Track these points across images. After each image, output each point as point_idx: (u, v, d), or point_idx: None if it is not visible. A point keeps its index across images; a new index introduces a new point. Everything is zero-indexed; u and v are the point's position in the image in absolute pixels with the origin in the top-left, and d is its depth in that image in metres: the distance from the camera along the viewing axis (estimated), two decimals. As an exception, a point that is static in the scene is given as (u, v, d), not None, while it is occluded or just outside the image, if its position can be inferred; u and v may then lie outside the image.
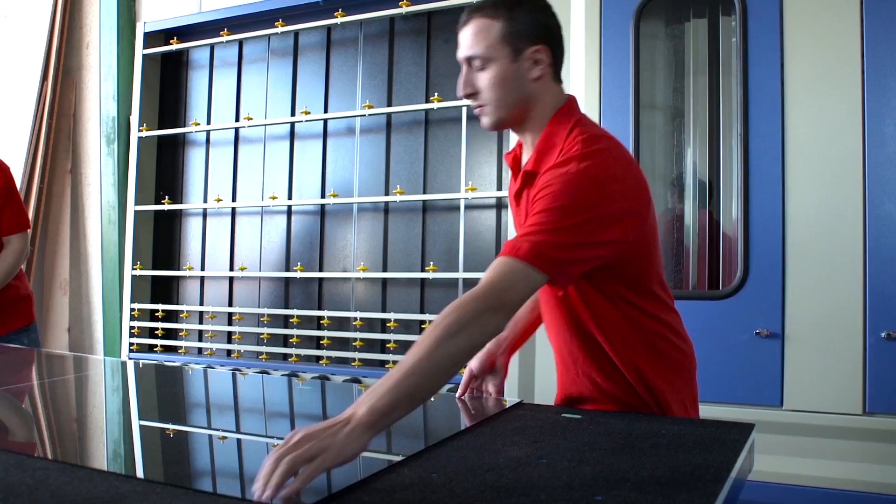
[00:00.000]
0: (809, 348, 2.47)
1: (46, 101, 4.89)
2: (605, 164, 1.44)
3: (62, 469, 1.11)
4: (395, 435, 1.36)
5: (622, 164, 1.50)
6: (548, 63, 1.53)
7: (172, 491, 1.02)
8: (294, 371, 3.73)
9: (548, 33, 1.52)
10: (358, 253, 3.81)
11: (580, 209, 1.38)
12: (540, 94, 1.54)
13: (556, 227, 1.35)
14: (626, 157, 1.56)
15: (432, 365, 1.18)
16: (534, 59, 1.51)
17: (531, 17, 1.51)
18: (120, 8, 4.65)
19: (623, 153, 1.55)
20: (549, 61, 1.53)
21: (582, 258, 1.40)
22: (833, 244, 2.47)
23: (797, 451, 2.47)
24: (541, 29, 1.51)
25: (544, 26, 1.52)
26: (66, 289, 4.91)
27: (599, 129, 1.58)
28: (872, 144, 2.44)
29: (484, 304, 1.26)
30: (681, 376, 1.65)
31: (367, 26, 3.84)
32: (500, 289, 1.29)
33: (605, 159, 1.45)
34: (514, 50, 1.50)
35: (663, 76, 2.93)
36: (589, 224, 1.39)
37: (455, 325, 1.22)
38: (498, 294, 1.28)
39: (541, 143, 1.55)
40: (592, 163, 1.42)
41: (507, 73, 1.51)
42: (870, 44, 2.46)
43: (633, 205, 1.49)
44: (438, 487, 1.04)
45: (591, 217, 1.39)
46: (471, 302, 1.26)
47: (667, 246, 2.92)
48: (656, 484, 1.08)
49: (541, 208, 1.38)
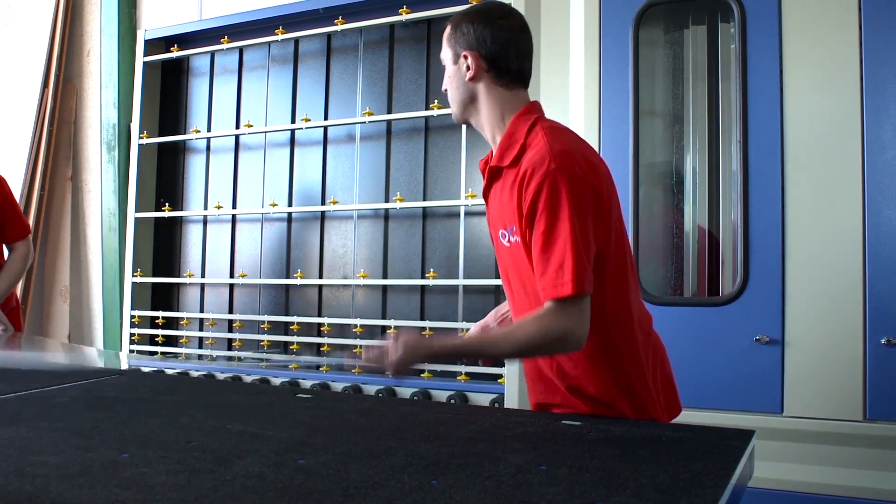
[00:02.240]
0: (809, 355, 2.47)
1: (47, 109, 4.90)
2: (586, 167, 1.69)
3: (62, 477, 1.11)
4: (396, 440, 1.36)
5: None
6: (478, 66, 1.77)
7: (172, 497, 1.03)
8: (294, 378, 3.73)
9: (483, 43, 1.76)
10: (358, 260, 3.81)
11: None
12: (481, 94, 1.80)
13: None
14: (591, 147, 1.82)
15: (499, 352, 1.72)
16: (466, 64, 1.78)
17: (472, 29, 1.77)
18: (121, 15, 4.66)
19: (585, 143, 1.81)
20: (480, 65, 1.77)
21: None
22: (833, 250, 2.47)
23: (798, 457, 2.46)
24: (476, 39, 1.77)
25: (481, 37, 1.76)
26: (66, 296, 4.91)
27: (560, 126, 1.81)
28: (871, 150, 2.45)
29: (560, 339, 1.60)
30: (642, 384, 1.77)
31: (367, 33, 3.85)
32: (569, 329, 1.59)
33: (576, 159, 1.68)
34: (455, 55, 1.81)
35: (662, 83, 2.93)
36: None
37: (535, 342, 1.61)
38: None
39: (503, 140, 1.78)
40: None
41: (453, 73, 1.83)
42: (868, 50, 2.46)
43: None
44: (438, 494, 1.04)
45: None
46: (555, 331, 1.59)
47: (666, 252, 2.92)
48: (656, 490, 1.08)
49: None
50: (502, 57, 1.77)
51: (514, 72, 1.79)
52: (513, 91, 1.80)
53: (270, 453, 1.27)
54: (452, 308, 3.52)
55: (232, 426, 1.49)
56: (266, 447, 1.31)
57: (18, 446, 1.31)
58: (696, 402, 2.56)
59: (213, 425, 1.52)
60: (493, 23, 1.78)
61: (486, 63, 1.77)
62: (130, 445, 1.33)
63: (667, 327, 2.65)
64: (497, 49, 1.77)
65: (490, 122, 1.82)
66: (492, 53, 1.76)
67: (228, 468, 1.17)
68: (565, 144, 1.70)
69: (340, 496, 1.04)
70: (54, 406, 1.71)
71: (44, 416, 1.58)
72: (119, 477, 1.13)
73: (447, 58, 1.84)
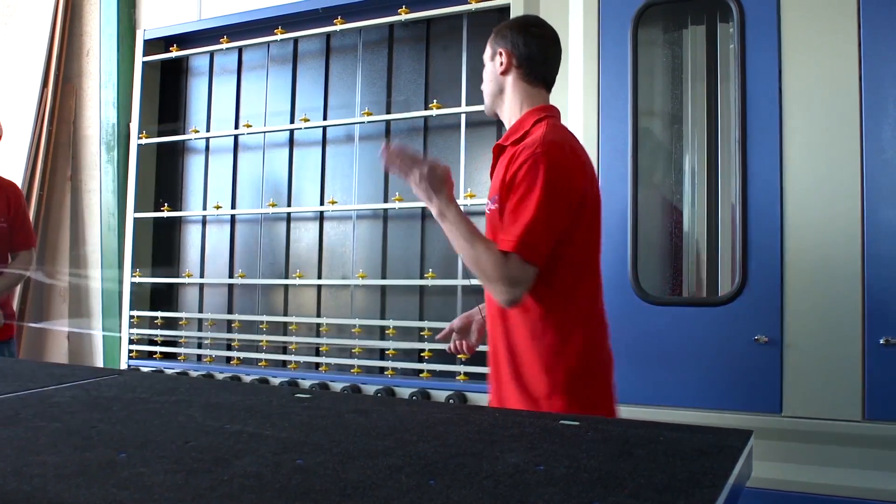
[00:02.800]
0: (808, 355, 2.47)
1: (46, 108, 4.91)
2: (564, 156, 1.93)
3: (59, 476, 1.11)
4: (394, 440, 1.36)
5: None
6: (510, 63, 2.07)
7: (169, 497, 1.02)
8: (293, 378, 3.72)
9: (516, 45, 2.07)
10: (357, 260, 3.81)
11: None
12: (508, 86, 2.09)
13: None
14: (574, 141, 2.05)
15: (461, 244, 1.90)
16: (500, 59, 2.08)
17: (510, 33, 2.09)
18: (120, 15, 4.67)
19: (570, 137, 2.05)
20: (511, 62, 2.07)
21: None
22: (831, 250, 2.47)
23: (796, 457, 2.46)
24: (511, 43, 2.08)
25: (515, 41, 2.07)
26: (65, 296, 4.91)
27: (565, 128, 2.08)
28: (870, 150, 2.45)
29: (492, 283, 1.86)
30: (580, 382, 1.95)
31: (367, 33, 3.85)
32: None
33: (559, 149, 1.92)
34: (493, 52, 2.12)
35: (661, 83, 2.93)
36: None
37: (480, 265, 1.86)
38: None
39: (514, 126, 2.08)
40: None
41: (489, 68, 2.13)
42: (867, 50, 2.47)
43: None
44: (436, 494, 1.04)
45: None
46: (493, 274, 1.84)
47: (664, 252, 2.92)
48: (654, 490, 1.08)
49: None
50: (531, 59, 2.06)
51: (538, 73, 2.08)
52: (536, 89, 2.08)
53: (268, 453, 1.27)
54: (451, 308, 3.52)
55: (230, 426, 1.49)
56: (264, 447, 1.31)
57: (16, 446, 1.31)
58: (694, 402, 2.57)
59: (211, 425, 1.51)
60: (528, 31, 2.09)
61: (516, 60, 2.06)
62: (128, 445, 1.33)
63: (665, 327, 2.68)
64: (527, 51, 2.06)
65: (510, 110, 2.10)
66: (522, 54, 2.06)
67: (226, 468, 1.17)
68: (559, 138, 1.95)
69: (338, 496, 1.04)
70: (52, 406, 1.71)
71: (41, 416, 1.58)
72: (117, 477, 1.13)
73: (487, 57, 2.15)
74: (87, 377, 2.14)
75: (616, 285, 2.71)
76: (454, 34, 3.61)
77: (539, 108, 2.05)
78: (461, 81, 3.52)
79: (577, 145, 2.03)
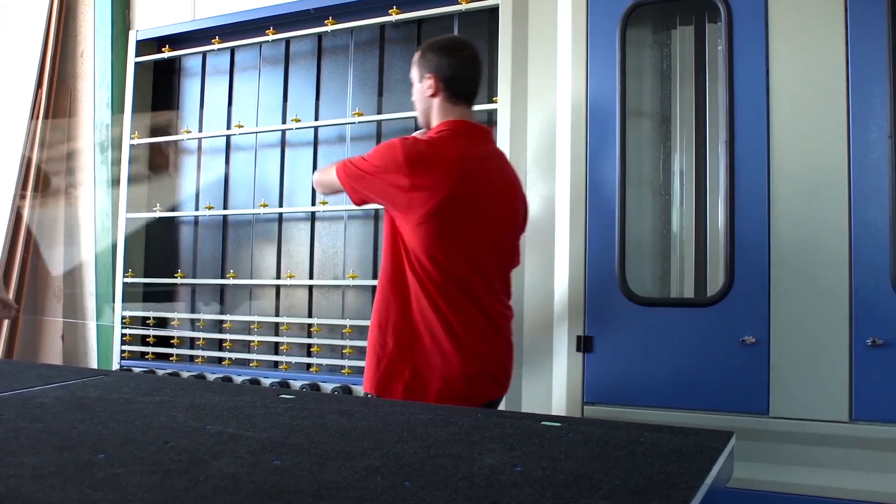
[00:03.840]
0: (795, 356, 2.47)
1: (41, 109, 4.90)
2: (406, 145, 2.28)
3: (36, 477, 1.11)
4: (373, 441, 1.36)
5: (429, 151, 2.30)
6: (437, 87, 2.37)
7: (143, 498, 1.03)
8: (284, 379, 3.73)
9: (440, 70, 2.37)
10: (348, 261, 3.81)
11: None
12: (435, 106, 2.41)
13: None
14: (436, 148, 2.31)
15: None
16: (428, 83, 2.39)
17: (434, 57, 2.39)
18: (114, 16, 4.66)
19: (433, 146, 2.32)
20: (438, 86, 2.37)
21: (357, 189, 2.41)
22: (818, 251, 2.47)
23: (783, 459, 2.46)
24: (436, 67, 2.38)
25: (439, 65, 2.38)
26: (60, 296, 4.91)
27: (447, 136, 2.35)
28: (857, 151, 2.45)
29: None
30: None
31: (358, 34, 3.84)
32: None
33: (414, 143, 2.31)
34: (420, 75, 2.43)
35: (650, 83, 2.94)
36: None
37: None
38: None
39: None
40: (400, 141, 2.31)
41: (417, 87, 2.45)
42: (854, 50, 2.47)
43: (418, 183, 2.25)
44: (409, 496, 1.05)
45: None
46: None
47: (652, 253, 2.92)
48: (628, 492, 1.08)
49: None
50: (454, 80, 2.37)
51: (461, 92, 2.39)
52: (457, 107, 2.39)
53: (246, 454, 1.27)
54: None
55: (211, 427, 1.49)
56: (243, 448, 1.31)
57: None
58: (681, 403, 2.58)
59: (193, 426, 1.52)
60: (451, 54, 2.39)
61: (442, 84, 2.37)
62: (108, 446, 1.33)
63: (652, 328, 2.68)
64: (451, 73, 2.36)
65: (434, 123, 2.43)
66: (447, 77, 2.36)
67: (203, 469, 1.18)
68: (427, 139, 2.34)
69: (311, 497, 1.04)
70: (35, 407, 1.71)
71: (24, 417, 1.58)
72: (92, 478, 1.13)
73: (415, 77, 2.45)
74: (73, 378, 2.15)
75: (603, 286, 2.72)
76: (445, 34, 3.61)
77: (446, 122, 2.38)
78: (452, 82, 3.52)
79: (452, 150, 2.30)
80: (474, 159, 2.33)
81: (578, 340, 2.73)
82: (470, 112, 2.43)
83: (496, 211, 2.40)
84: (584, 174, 2.78)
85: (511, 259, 2.53)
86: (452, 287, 2.28)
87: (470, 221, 2.31)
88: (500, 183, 2.42)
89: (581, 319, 2.74)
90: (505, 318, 2.47)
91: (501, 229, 2.44)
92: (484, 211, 2.34)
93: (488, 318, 2.37)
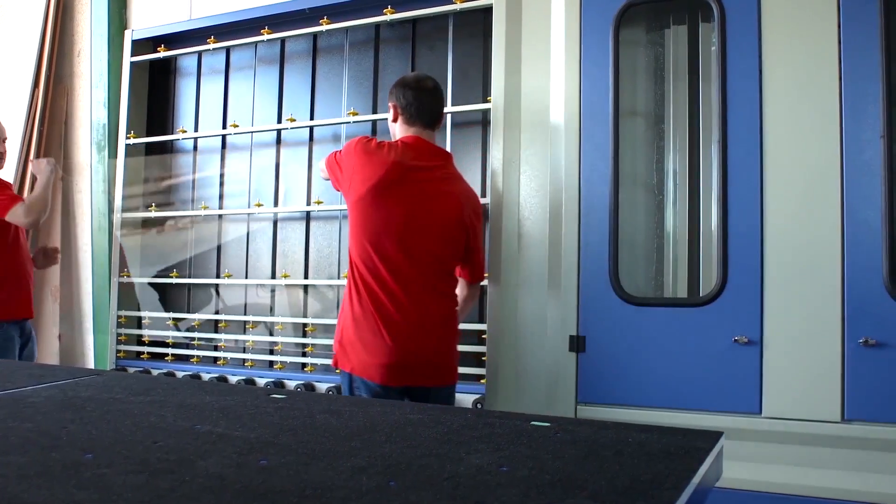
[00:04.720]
0: (788, 355, 2.48)
1: (38, 109, 4.90)
2: (362, 140, 2.79)
3: (22, 477, 1.11)
4: (361, 441, 1.36)
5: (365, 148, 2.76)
6: (396, 113, 2.85)
7: (128, 498, 1.03)
8: (279, 379, 3.72)
9: (398, 100, 2.84)
10: (343, 260, 3.81)
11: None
12: (396, 128, 2.87)
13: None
14: (382, 149, 2.75)
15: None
16: (393, 110, 2.87)
17: (397, 90, 2.86)
18: (111, 16, 4.65)
19: (381, 147, 2.76)
20: (397, 112, 2.85)
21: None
22: (811, 251, 2.48)
23: (776, 458, 2.47)
24: (396, 98, 2.85)
25: (398, 97, 2.84)
26: (56, 295, 4.90)
27: (395, 145, 2.79)
28: (850, 151, 2.45)
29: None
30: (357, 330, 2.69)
31: (353, 33, 3.84)
32: None
33: (369, 140, 2.80)
34: (390, 103, 2.88)
35: (643, 82, 2.94)
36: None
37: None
38: None
39: None
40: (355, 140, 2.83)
41: (390, 116, 2.90)
42: (847, 50, 2.47)
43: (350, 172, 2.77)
44: (394, 496, 1.05)
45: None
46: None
47: (646, 253, 2.92)
48: (613, 492, 1.08)
49: None
50: (408, 108, 2.82)
51: (414, 118, 2.82)
52: (413, 127, 2.82)
53: (234, 454, 1.27)
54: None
55: (200, 426, 1.49)
56: (230, 448, 1.31)
57: (-17, 447, 1.31)
58: (674, 403, 2.58)
59: (182, 426, 1.51)
60: (407, 87, 2.84)
61: (400, 111, 2.84)
62: (96, 446, 1.33)
63: (645, 328, 2.68)
64: (406, 103, 2.82)
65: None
66: (403, 106, 2.83)
67: (189, 469, 1.17)
68: (381, 143, 2.77)
69: (296, 497, 1.04)
70: (26, 406, 1.71)
71: (14, 417, 1.58)
72: (79, 478, 1.13)
73: (389, 104, 2.90)
74: (65, 378, 2.14)
75: (596, 286, 2.72)
76: (440, 34, 3.61)
77: (402, 137, 2.82)
78: (447, 81, 3.51)
79: (393, 154, 2.70)
80: (411, 168, 2.72)
81: (571, 340, 2.73)
82: (428, 133, 2.84)
83: (424, 217, 2.71)
84: (577, 174, 2.78)
85: (442, 262, 2.76)
86: (366, 272, 2.69)
87: (388, 213, 2.69)
88: (431, 192, 2.74)
89: (574, 319, 2.74)
90: (428, 312, 2.70)
91: (428, 233, 2.72)
92: (408, 211, 2.70)
93: (397, 305, 2.64)
